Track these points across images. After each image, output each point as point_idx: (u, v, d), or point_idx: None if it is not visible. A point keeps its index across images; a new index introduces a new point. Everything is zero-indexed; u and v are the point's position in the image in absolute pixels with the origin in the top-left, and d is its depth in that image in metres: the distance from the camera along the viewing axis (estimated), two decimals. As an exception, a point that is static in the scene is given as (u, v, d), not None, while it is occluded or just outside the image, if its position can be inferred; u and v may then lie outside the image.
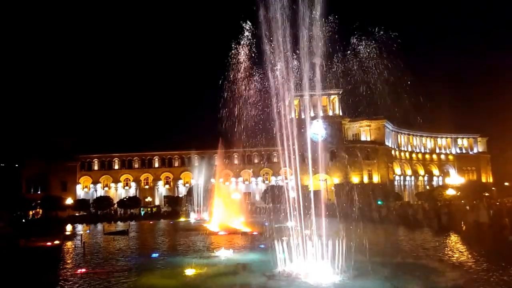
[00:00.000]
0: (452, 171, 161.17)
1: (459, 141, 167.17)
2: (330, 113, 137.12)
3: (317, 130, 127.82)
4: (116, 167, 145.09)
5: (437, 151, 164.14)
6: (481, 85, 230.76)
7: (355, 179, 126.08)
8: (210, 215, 71.06)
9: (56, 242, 44.45)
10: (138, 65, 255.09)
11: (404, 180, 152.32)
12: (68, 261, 32.08)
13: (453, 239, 40.85)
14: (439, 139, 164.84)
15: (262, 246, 32.51)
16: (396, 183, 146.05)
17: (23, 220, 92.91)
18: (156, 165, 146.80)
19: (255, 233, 48.84)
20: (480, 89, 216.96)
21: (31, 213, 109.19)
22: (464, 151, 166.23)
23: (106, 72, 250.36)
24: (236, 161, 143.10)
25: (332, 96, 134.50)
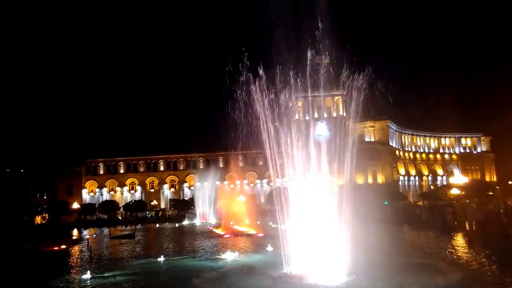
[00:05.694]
0: (456, 171, 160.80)
1: (463, 140, 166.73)
2: (334, 114, 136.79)
3: (321, 131, 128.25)
4: (122, 171, 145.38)
5: (441, 150, 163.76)
6: (484, 84, 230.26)
7: (359, 180, 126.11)
8: (216, 218, 71.37)
9: (63, 246, 44.76)
10: (143, 69, 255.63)
11: (408, 180, 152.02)
12: (75, 266, 32.38)
13: (459, 239, 40.94)
14: (442, 139, 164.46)
15: (268, 248, 32.74)
16: (400, 183, 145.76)
17: (30, 225, 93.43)
18: (161, 168, 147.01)
19: (260, 235, 49.04)
20: (483, 88, 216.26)
21: (38, 218, 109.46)
22: (467, 150, 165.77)
23: (110, 76, 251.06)
24: (241, 164, 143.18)
25: (336, 97, 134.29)
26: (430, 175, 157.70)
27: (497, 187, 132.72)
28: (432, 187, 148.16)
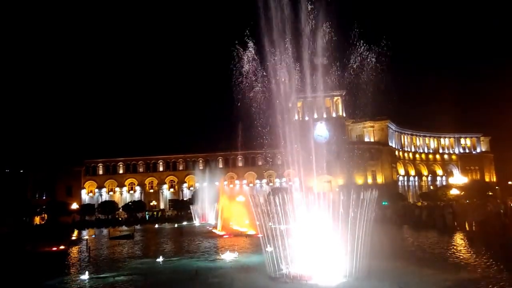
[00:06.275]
0: (456, 171, 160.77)
1: (462, 140, 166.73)
2: (334, 115, 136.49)
3: (321, 132, 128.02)
4: (121, 171, 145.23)
5: (440, 151, 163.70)
6: (484, 84, 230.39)
7: (359, 180, 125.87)
8: (215, 218, 71.17)
9: (62, 247, 44.58)
10: (143, 69, 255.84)
11: (408, 180, 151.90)
12: (73, 266, 32.25)
13: (459, 239, 40.84)
14: (442, 139, 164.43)
15: (267, 248, 32.61)
16: (400, 183, 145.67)
17: (29, 225, 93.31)
18: (161, 169, 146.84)
19: (259, 235, 48.85)
20: (483, 88, 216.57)
21: (37, 218, 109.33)
22: (467, 150, 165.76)
23: (110, 77, 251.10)
24: (240, 164, 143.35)
25: (335, 98, 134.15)
26: (430, 175, 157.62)
27: (497, 187, 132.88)
28: (431, 187, 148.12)
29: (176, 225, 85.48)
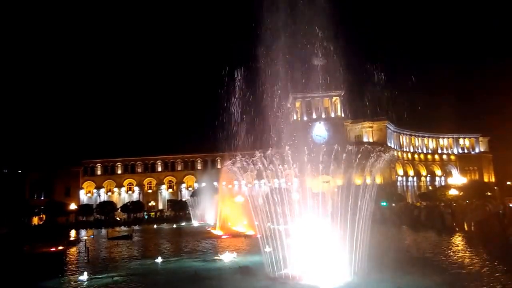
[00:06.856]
0: (454, 171, 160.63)
1: (461, 141, 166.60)
2: (332, 115, 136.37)
3: (319, 132, 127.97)
4: (119, 171, 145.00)
5: (439, 151, 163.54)
6: (482, 84, 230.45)
7: (357, 180, 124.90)
8: (214, 219, 71.08)
9: (60, 247, 44.48)
10: (141, 70, 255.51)
11: (407, 180, 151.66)
12: (72, 267, 32.16)
13: (458, 240, 40.79)
14: (440, 139, 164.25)
15: (266, 249, 32.56)
16: (398, 183, 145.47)
17: (27, 226, 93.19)
18: (159, 169, 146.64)
19: (258, 236, 48.77)
20: (481, 88, 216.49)
21: (35, 219, 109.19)
22: (466, 151, 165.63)
23: (108, 77, 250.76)
24: (238, 164, 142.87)
25: (334, 98, 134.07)
26: (429, 175, 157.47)
27: (496, 188, 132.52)
28: (430, 187, 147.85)
29: (174, 226, 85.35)
